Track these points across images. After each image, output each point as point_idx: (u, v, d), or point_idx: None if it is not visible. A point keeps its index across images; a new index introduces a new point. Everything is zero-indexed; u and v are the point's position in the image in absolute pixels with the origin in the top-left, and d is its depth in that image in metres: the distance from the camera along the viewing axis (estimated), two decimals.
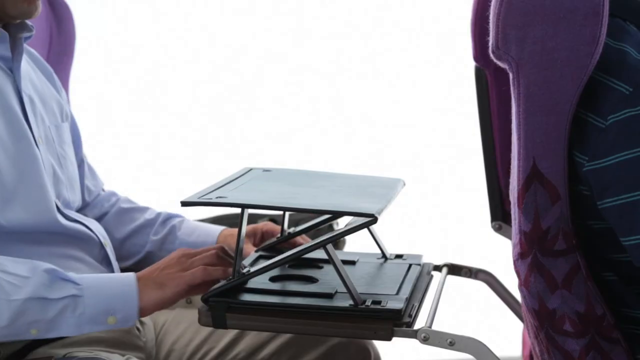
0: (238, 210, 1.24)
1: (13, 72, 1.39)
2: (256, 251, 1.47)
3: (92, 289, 1.25)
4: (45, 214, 1.35)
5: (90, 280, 1.27)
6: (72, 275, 1.26)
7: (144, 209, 1.64)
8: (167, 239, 1.59)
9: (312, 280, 1.30)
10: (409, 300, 1.23)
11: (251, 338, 1.48)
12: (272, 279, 1.30)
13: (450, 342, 1.16)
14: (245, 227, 1.24)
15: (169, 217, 1.63)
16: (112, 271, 1.46)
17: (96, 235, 1.45)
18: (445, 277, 1.43)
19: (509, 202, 1.20)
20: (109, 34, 2.63)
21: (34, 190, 1.35)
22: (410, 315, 1.19)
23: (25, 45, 1.43)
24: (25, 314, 1.21)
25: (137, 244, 1.59)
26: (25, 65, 1.45)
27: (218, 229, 1.61)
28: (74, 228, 1.41)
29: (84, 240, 1.42)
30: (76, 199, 1.50)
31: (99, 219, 1.57)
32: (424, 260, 1.45)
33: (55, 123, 1.48)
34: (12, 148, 1.33)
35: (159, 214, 1.63)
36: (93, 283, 1.26)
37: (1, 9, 1.36)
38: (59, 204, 1.40)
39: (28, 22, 1.41)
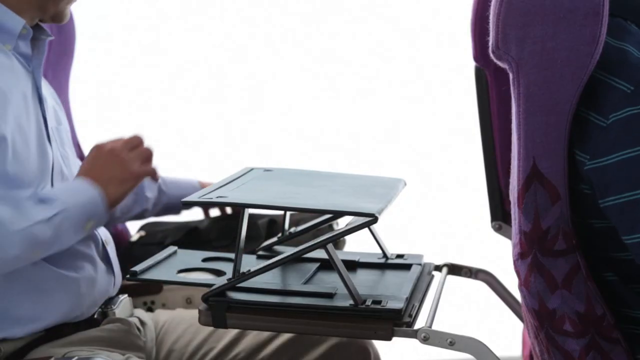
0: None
1: (33, 71, 1.41)
2: (256, 251, 1.47)
3: (69, 201, 1.32)
4: None
5: (61, 192, 1.33)
6: (47, 193, 1.32)
7: None
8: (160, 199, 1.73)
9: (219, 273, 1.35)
10: (409, 300, 1.23)
11: (251, 338, 1.48)
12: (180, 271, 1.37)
13: (450, 342, 1.16)
14: (245, 227, 1.24)
15: None
16: (112, 269, 1.46)
17: (97, 233, 1.45)
18: (445, 277, 1.43)
19: (509, 202, 1.20)
20: (109, 34, 2.63)
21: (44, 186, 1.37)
22: (410, 315, 1.19)
23: None
24: (33, 238, 1.26)
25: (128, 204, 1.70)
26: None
27: (195, 180, 1.74)
28: None
29: (86, 237, 1.43)
30: None
31: None
32: (425, 260, 1.45)
33: (57, 126, 1.49)
34: (35, 143, 1.36)
35: None
36: (65, 195, 1.33)
37: (43, 7, 1.39)
38: None
39: (46, 27, 1.43)
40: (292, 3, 2.68)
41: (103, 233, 1.48)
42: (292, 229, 1.49)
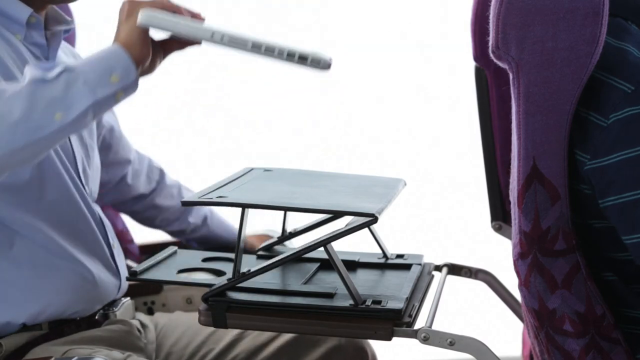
0: None
1: (49, 61, 1.38)
2: (256, 251, 1.47)
3: (80, 61, 1.24)
4: None
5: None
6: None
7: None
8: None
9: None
10: (409, 300, 1.23)
11: (249, 341, 1.48)
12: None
13: (450, 342, 1.16)
14: (245, 227, 1.24)
15: None
16: (118, 272, 1.47)
17: (107, 233, 1.46)
18: (445, 277, 1.43)
19: (509, 202, 1.20)
20: (108, 34, 2.63)
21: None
22: (410, 315, 1.19)
23: (65, 43, 1.47)
24: (36, 97, 1.16)
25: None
26: (63, 57, 1.45)
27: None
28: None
29: (95, 234, 1.43)
30: (95, 190, 1.50)
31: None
32: (425, 260, 1.45)
33: None
34: None
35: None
36: (80, 60, 1.26)
37: None
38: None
39: (67, 16, 1.42)
40: (291, 3, 2.68)
41: (112, 236, 1.48)
42: (292, 229, 1.49)
